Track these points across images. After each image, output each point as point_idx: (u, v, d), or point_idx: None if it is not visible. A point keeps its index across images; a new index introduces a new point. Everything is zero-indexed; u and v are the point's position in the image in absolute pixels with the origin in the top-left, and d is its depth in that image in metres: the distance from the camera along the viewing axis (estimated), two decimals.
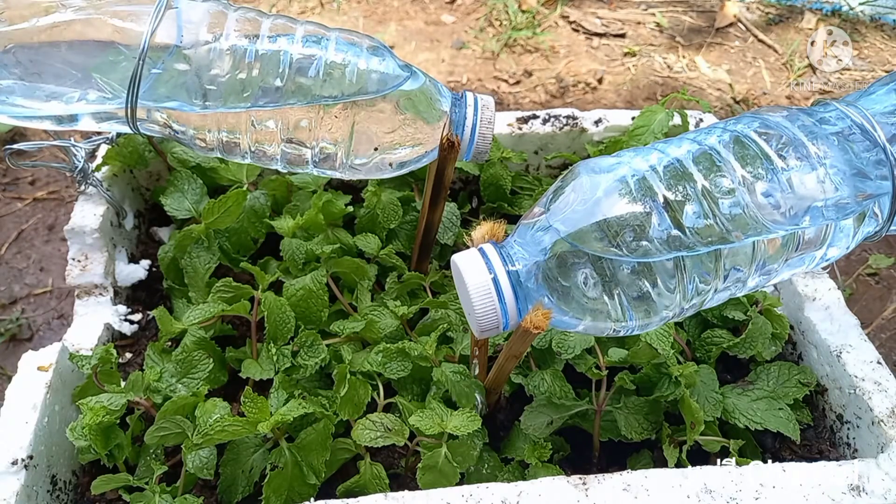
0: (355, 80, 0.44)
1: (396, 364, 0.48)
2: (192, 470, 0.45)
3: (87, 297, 0.56)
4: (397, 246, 0.60)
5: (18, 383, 0.46)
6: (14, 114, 0.42)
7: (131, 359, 0.55)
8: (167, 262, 0.56)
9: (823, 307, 0.54)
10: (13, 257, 1.00)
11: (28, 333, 0.92)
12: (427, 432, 0.43)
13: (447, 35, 1.35)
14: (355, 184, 0.67)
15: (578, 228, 0.34)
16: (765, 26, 1.40)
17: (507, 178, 0.63)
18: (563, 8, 1.41)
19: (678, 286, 0.35)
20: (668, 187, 0.34)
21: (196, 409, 0.46)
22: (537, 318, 0.35)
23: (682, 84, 1.26)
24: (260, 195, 0.59)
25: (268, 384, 0.50)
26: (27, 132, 1.11)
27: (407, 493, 0.40)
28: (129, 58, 0.41)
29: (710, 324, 0.55)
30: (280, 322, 0.51)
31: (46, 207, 1.06)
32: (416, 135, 0.46)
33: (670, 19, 1.41)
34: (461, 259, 0.37)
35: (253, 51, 0.43)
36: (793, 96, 1.26)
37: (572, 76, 1.27)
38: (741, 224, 0.33)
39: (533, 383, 0.48)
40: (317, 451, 0.44)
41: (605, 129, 0.66)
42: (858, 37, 1.37)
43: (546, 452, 0.45)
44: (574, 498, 0.40)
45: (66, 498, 0.47)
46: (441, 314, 0.53)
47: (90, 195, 0.58)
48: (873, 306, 0.94)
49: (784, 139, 0.35)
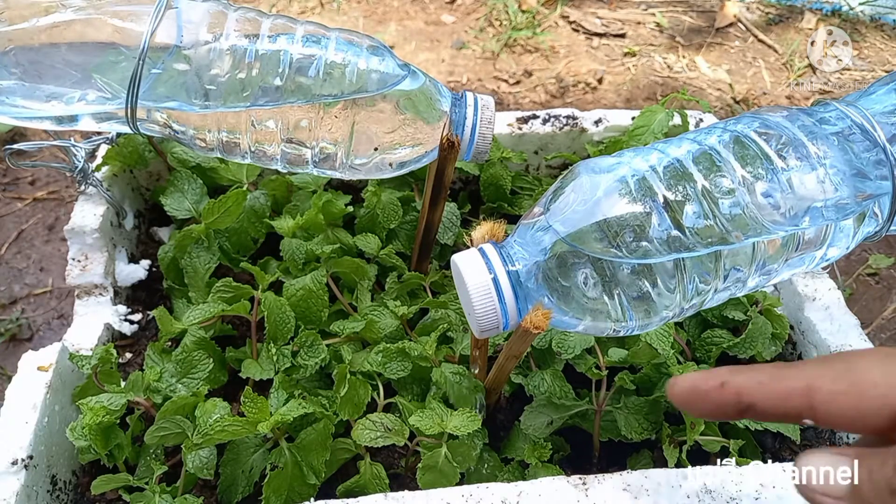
0: (355, 80, 0.44)
1: (396, 364, 0.48)
2: (192, 470, 0.45)
3: (87, 297, 0.56)
4: (397, 246, 0.60)
5: (18, 383, 0.46)
6: (14, 114, 0.42)
7: (131, 359, 0.55)
8: (167, 262, 0.56)
9: (823, 307, 0.54)
10: (13, 257, 1.00)
11: (28, 333, 0.92)
12: (427, 432, 0.43)
13: (447, 35, 1.35)
14: (355, 184, 0.67)
15: (578, 229, 0.34)
16: (765, 26, 1.40)
17: (507, 178, 0.63)
18: (563, 8, 1.41)
19: (678, 286, 0.35)
20: (668, 187, 0.34)
21: (196, 409, 0.46)
22: (537, 318, 0.35)
23: (682, 84, 1.26)
24: (260, 195, 0.59)
25: (268, 384, 0.50)
26: (27, 132, 1.11)
27: (407, 493, 0.40)
28: (129, 58, 0.41)
29: (710, 324, 0.55)
30: (280, 322, 0.51)
31: (46, 207, 1.06)
32: (416, 135, 0.46)
33: (670, 19, 1.41)
34: (461, 259, 0.37)
35: (253, 50, 0.43)
36: (793, 96, 1.26)
37: (572, 76, 1.27)
38: (741, 224, 0.33)
39: (533, 383, 0.48)
40: (317, 451, 0.44)
41: (605, 129, 0.66)
42: (858, 37, 1.37)
43: (546, 452, 0.45)
44: (574, 498, 0.40)
45: (66, 498, 0.47)
46: (441, 314, 0.53)
47: (90, 195, 0.58)
48: (873, 306, 0.94)
49: (784, 139, 0.35)
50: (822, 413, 0.28)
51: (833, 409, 0.28)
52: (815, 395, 0.28)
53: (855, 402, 0.28)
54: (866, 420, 0.28)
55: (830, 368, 0.29)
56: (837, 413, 0.28)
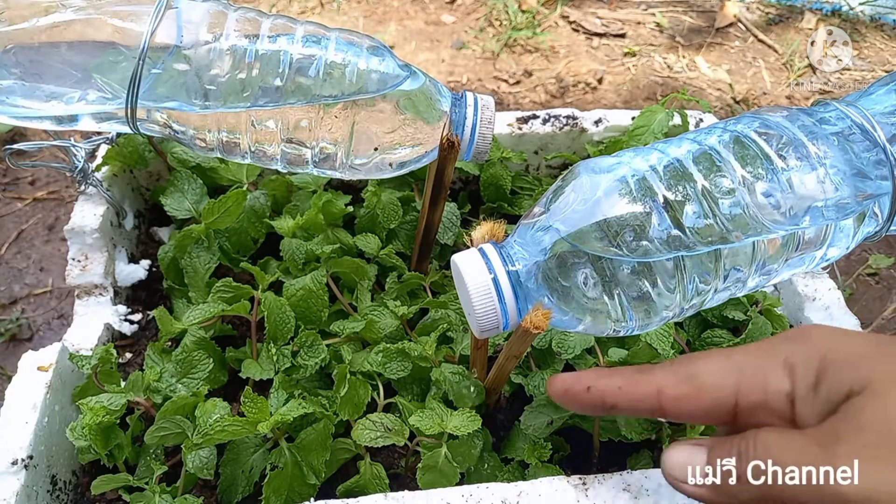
0: (355, 80, 0.44)
1: (396, 364, 0.48)
2: (192, 470, 0.45)
3: (87, 297, 0.56)
4: (397, 246, 0.60)
5: (18, 383, 0.46)
6: (14, 114, 0.42)
7: (131, 359, 0.55)
8: (167, 262, 0.56)
9: (823, 307, 0.54)
10: (13, 257, 1.00)
11: (28, 333, 0.92)
12: (427, 432, 0.43)
13: (447, 35, 1.35)
14: (355, 184, 0.67)
15: (578, 228, 0.34)
16: (765, 26, 1.40)
17: (507, 178, 0.63)
18: (563, 8, 1.41)
19: (678, 286, 0.35)
20: (668, 187, 0.34)
21: (196, 409, 0.46)
22: (537, 318, 0.35)
23: (682, 84, 1.26)
24: (260, 195, 0.59)
25: (268, 384, 0.50)
26: (27, 132, 1.11)
27: (407, 493, 0.40)
28: (129, 58, 0.41)
29: (710, 324, 0.55)
30: (280, 322, 0.51)
31: (46, 207, 1.06)
32: (416, 135, 0.46)
33: (670, 19, 1.41)
34: (461, 259, 0.37)
35: (253, 51, 0.43)
36: (793, 96, 1.26)
37: (572, 76, 1.27)
38: (741, 224, 0.33)
39: (533, 383, 0.48)
40: (317, 451, 0.44)
41: (605, 129, 0.66)
42: (858, 37, 1.37)
43: (546, 452, 0.45)
44: (574, 498, 0.40)
45: (66, 498, 0.47)
46: (441, 314, 0.53)
47: (90, 195, 0.58)
48: (873, 306, 0.94)
49: (784, 139, 0.35)
50: (670, 413, 0.33)
51: (678, 409, 0.32)
52: (662, 398, 0.32)
53: (695, 403, 0.32)
54: (709, 417, 0.32)
55: (675, 373, 0.33)
56: (683, 412, 0.33)
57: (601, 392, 0.34)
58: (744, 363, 0.31)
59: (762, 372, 0.31)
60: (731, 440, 0.30)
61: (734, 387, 0.31)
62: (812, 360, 0.30)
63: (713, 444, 0.31)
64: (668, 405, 0.32)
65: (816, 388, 0.29)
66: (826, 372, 0.29)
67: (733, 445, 0.30)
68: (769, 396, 0.30)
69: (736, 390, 0.31)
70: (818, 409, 0.29)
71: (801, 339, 0.31)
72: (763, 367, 0.31)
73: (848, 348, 0.29)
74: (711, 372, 0.32)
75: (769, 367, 0.31)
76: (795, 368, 0.30)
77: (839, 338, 0.30)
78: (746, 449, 0.29)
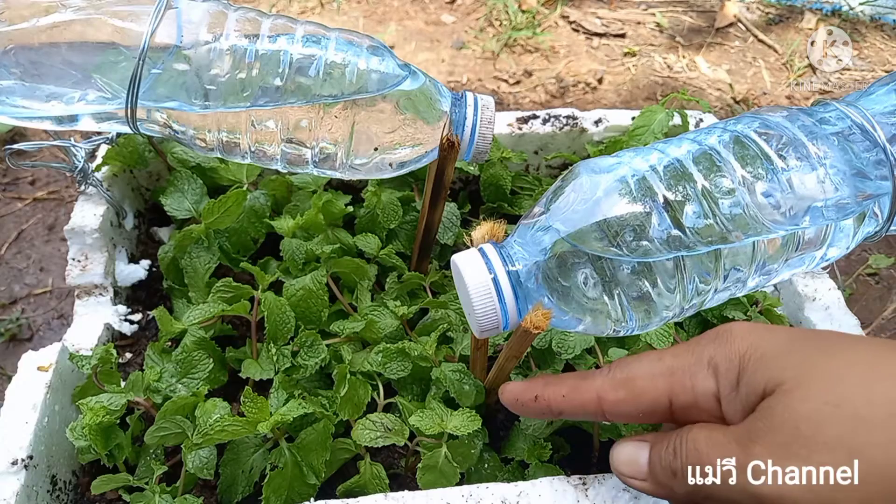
0: (355, 80, 0.44)
1: (396, 364, 0.48)
2: (192, 470, 0.45)
3: (87, 297, 0.56)
4: (397, 246, 0.60)
5: (18, 383, 0.46)
6: (14, 114, 0.42)
7: (131, 359, 0.55)
8: (167, 262, 0.56)
9: (823, 307, 0.54)
10: (13, 257, 1.00)
11: (28, 333, 0.92)
12: (427, 432, 0.43)
13: (447, 35, 1.35)
14: (355, 184, 0.67)
15: (578, 228, 0.34)
16: (765, 26, 1.40)
17: (507, 178, 0.63)
18: (563, 8, 1.41)
19: (678, 286, 0.35)
20: (668, 187, 0.34)
21: (196, 409, 0.46)
22: (537, 318, 0.35)
23: (682, 84, 1.26)
24: (260, 195, 0.59)
25: (268, 384, 0.50)
26: (27, 132, 1.11)
27: (407, 493, 0.40)
28: (129, 58, 0.41)
29: (710, 324, 0.55)
30: (280, 322, 0.51)
31: (46, 207, 1.06)
32: (416, 135, 0.46)
33: (670, 19, 1.41)
34: (461, 259, 0.37)
35: (253, 51, 0.43)
36: (793, 96, 1.26)
37: (572, 76, 1.27)
38: (741, 224, 0.33)
39: None
40: (317, 451, 0.44)
41: (605, 129, 0.66)
42: (858, 37, 1.37)
43: (546, 452, 0.45)
44: (574, 498, 0.40)
45: (66, 498, 0.47)
46: (441, 314, 0.53)
47: (90, 195, 0.58)
48: (873, 306, 0.94)
49: (784, 139, 0.35)
50: (612, 416, 0.34)
51: (618, 413, 0.34)
52: (603, 403, 0.34)
53: (633, 407, 0.33)
54: (648, 418, 0.34)
55: (612, 379, 0.34)
56: (622, 415, 0.34)
57: (548, 400, 0.36)
58: (673, 365, 0.33)
59: (690, 373, 0.32)
60: (669, 436, 0.31)
61: (667, 389, 0.32)
62: (733, 359, 0.31)
63: (655, 440, 0.33)
64: (608, 409, 0.34)
65: (737, 387, 0.30)
66: (745, 371, 0.30)
67: (671, 442, 0.31)
68: (698, 398, 0.31)
69: (669, 392, 0.32)
70: (740, 408, 0.30)
71: (723, 339, 0.32)
72: (690, 369, 0.32)
73: (766, 346, 0.30)
74: (644, 376, 0.33)
75: (696, 368, 0.32)
76: (719, 368, 0.31)
77: (760, 335, 0.31)
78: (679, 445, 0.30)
